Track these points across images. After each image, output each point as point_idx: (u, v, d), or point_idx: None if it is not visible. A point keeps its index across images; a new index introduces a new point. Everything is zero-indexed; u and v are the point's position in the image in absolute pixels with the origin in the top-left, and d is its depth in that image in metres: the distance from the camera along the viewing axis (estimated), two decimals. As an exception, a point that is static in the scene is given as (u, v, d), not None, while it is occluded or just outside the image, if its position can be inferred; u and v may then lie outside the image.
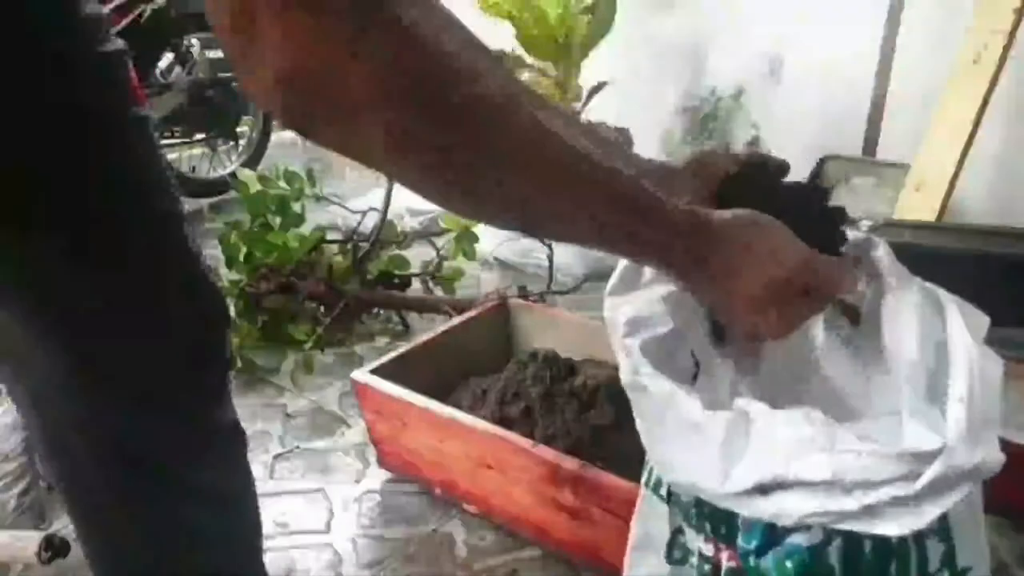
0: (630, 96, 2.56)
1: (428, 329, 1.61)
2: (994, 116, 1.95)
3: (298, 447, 1.45)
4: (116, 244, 0.67)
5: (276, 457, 1.42)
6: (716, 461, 0.62)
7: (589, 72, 2.22)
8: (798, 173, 2.43)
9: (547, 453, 1.10)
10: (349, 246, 1.96)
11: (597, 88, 2.20)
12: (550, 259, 1.99)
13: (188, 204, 2.92)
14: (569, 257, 2.12)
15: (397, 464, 1.33)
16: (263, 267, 1.83)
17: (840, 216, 0.70)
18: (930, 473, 0.55)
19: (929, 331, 0.67)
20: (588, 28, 2.11)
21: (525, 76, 2.22)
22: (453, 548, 1.20)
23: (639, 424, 0.71)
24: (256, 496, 0.87)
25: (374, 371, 1.32)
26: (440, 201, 0.50)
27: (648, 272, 0.82)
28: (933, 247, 1.57)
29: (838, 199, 2.57)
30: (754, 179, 0.67)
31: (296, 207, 1.90)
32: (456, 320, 1.56)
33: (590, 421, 1.23)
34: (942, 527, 0.64)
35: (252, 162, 3.03)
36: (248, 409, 1.58)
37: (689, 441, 0.65)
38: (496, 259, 2.22)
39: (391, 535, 1.23)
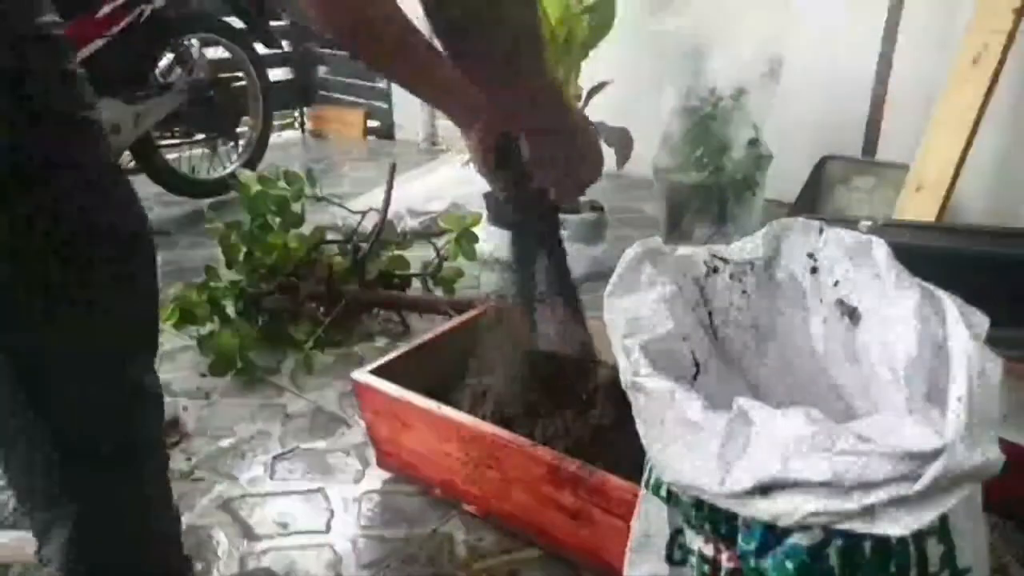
0: (630, 96, 2.55)
1: (428, 329, 1.60)
2: (994, 116, 1.95)
3: (298, 447, 1.45)
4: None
5: (276, 457, 1.42)
6: (716, 461, 0.62)
7: (589, 72, 2.21)
8: (798, 173, 2.42)
9: (547, 453, 1.10)
10: (349, 246, 1.96)
11: (597, 88, 2.20)
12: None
13: (188, 204, 2.93)
14: (569, 258, 2.11)
15: (397, 464, 1.33)
16: (263, 267, 1.83)
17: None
18: (930, 473, 0.55)
19: (928, 331, 0.67)
20: (588, 28, 2.11)
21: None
22: (453, 548, 1.20)
23: (639, 424, 0.71)
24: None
25: (374, 371, 1.31)
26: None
27: (648, 272, 0.82)
28: (933, 247, 1.57)
29: (839, 199, 2.55)
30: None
31: (296, 207, 1.90)
32: (456, 320, 1.56)
33: (590, 421, 1.23)
34: (942, 527, 0.64)
35: (252, 162, 3.03)
36: (248, 409, 1.58)
37: (689, 441, 0.65)
38: (496, 259, 2.22)
39: (391, 535, 1.23)
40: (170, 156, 2.84)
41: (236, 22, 2.97)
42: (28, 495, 0.84)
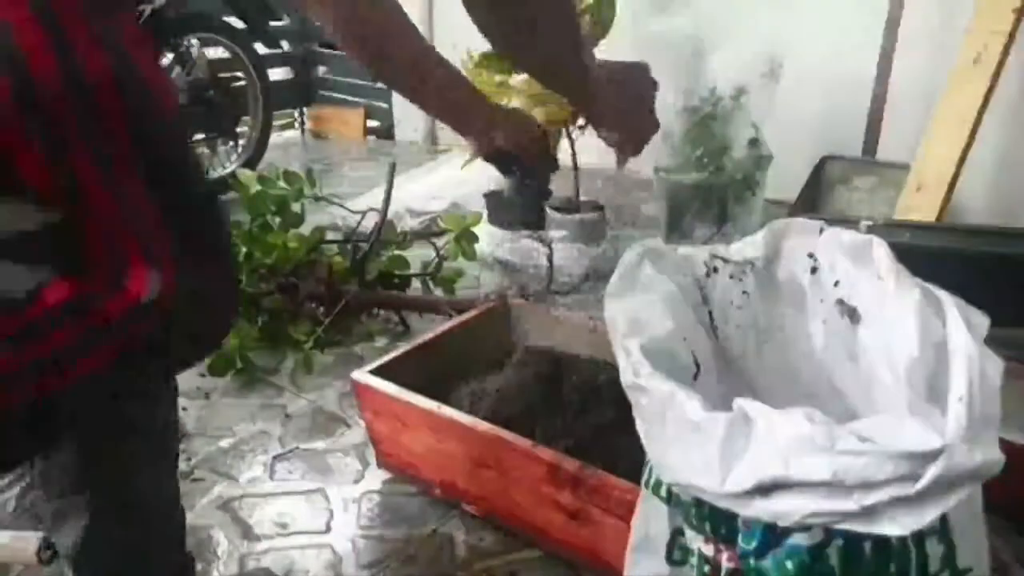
0: (630, 96, 2.54)
1: (428, 329, 1.60)
2: (994, 116, 1.94)
3: (298, 447, 1.45)
4: None
5: (276, 457, 1.42)
6: (716, 461, 0.62)
7: (589, 72, 2.21)
8: (798, 173, 2.42)
9: (547, 453, 1.10)
10: (349, 246, 1.96)
11: (597, 88, 2.19)
12: (550, 259, 1.99)
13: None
14: (569, 257, 2.12)
15: (396, 464, 1.33)
16: (263, 267, 1.83)
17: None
18: (930, 473, 0.54)
19: (929, 331, 0.67)
20: (588, 28, 2.11)
21: (524, 76, 2.22)
22: (453, 549, 1.20)
23: (639, 424, 0.71)
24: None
25: (374, 371, 1.31)
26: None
27: (648, 272, 0.82)
28: (933, 247, 1.57)
29: (838, 199, 2.54)
30: None
31: (296, 207, 1.90)
32: (456, 320, 1.56)
33: (590, 421, 1.23)
34: (942, 528, 0.64)
35: (252, 162, 3.03)
36: (247, 409, 1.58)
37: (689, 441, 0.65)
38: (496, 259, 2.22)
39: (391, 536, 1.22)
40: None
41: (236, 22, 2.97)
42: (44, 482, 0.84)
